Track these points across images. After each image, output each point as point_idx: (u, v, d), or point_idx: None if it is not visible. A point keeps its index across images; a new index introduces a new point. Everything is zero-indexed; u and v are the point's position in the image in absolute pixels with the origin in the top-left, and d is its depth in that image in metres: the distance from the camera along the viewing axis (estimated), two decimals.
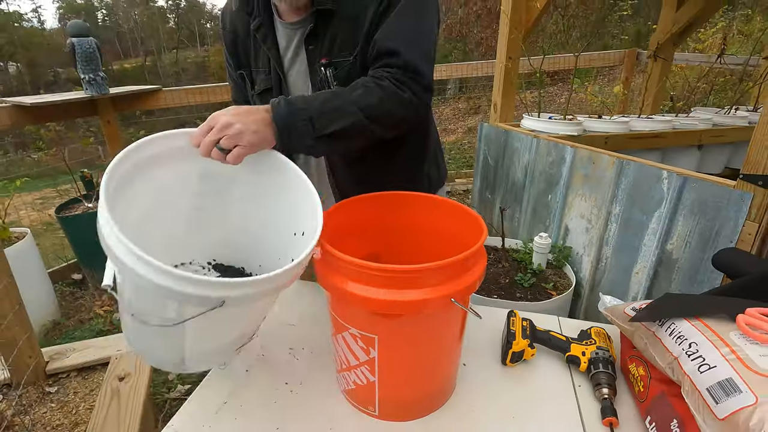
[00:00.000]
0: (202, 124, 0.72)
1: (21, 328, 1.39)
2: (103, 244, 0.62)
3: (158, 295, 0.59)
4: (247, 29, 0.98)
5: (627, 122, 2.33)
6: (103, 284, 0.67)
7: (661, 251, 1.51)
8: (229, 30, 1.03)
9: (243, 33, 1.00)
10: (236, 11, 1.00)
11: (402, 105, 0.83)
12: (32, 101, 2.47)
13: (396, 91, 0.81)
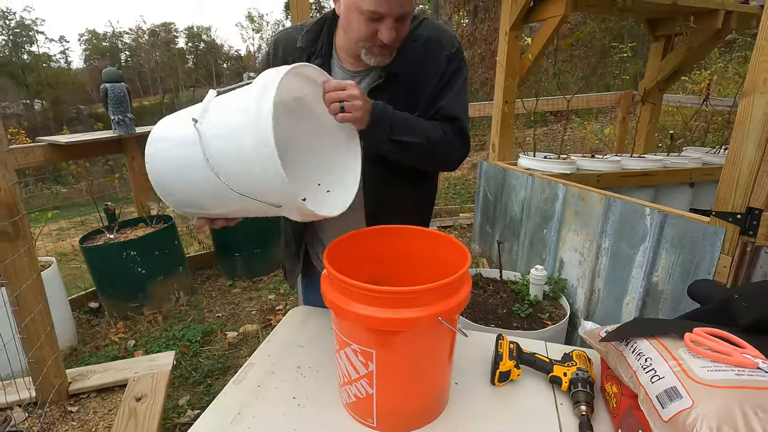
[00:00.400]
0: (339, 81, 0.90)
1: (51, 349, 1.50)
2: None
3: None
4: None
5: (619, 161, 2.46)
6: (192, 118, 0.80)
7: (647, 283, 1.60)
8: (281, 57, 1.10)
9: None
10: (298, 47, 1.07)
11: (454, 152, 1.08)
12: (66, 140, 2.69)
13: (454, 140, 1.06)
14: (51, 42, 40.86)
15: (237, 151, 0.76)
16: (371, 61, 1.00)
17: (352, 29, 0.96)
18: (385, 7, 0.89)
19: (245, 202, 0.81)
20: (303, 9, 2.15)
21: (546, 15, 2.29)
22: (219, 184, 0.77)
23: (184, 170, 0.84)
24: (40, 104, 34.39)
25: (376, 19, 0.91)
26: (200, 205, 0.92)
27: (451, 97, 1.06)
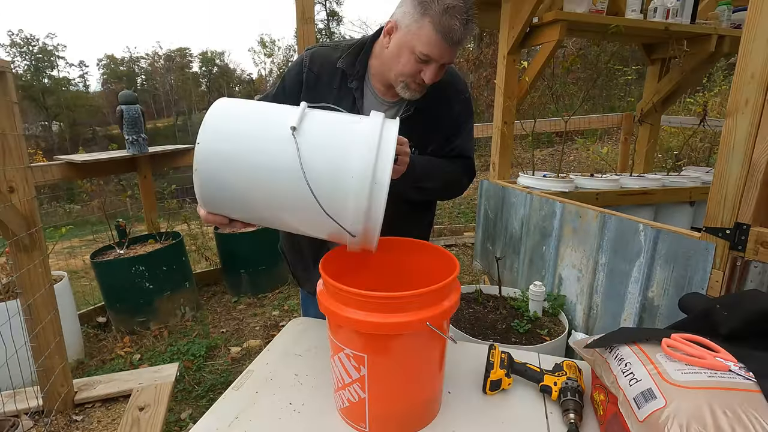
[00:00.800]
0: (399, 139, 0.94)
1: (59, 357, 1.55)
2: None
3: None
4: (333, 81, 1.12)
5: (617, 180, 2.50)
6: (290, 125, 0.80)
7: (643, 298, 1.62)
8: (315, 72, 1.12)
9: (327, 82, 1.12)
10: (337, 66, 1.11)
11: (460, 187, 1.24)
12: (82, 159, 2.81)
13: (462, 177, 1.21)
14: (71, 66, 42.36)
15: (336, 174, 0.78)
16: (406, 95, 1.07)
17: (398, 64, 1.02)
18: (437, 53, 0.97)
19: (308, 218, 0.83)
20: (308, 39, 2.27)
21: (542, 40, 2.38)
22: (299, 195, 0.77)
23: (261, 168, 0.81)
24: (57, 126, 35.46)
25: (424, 61, 0.99)
26: (248, 204, 0.87)
27: (463, 137, 1.19)
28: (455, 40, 0.96)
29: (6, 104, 1.34)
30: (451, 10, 0.93)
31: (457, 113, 1.17)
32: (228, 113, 0.85)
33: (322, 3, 39.13)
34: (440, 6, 0.93)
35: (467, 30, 0.97)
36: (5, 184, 1.34)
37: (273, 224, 0.94)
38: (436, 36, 0.95)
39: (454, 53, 1.00)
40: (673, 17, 2.46)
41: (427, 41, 0.96)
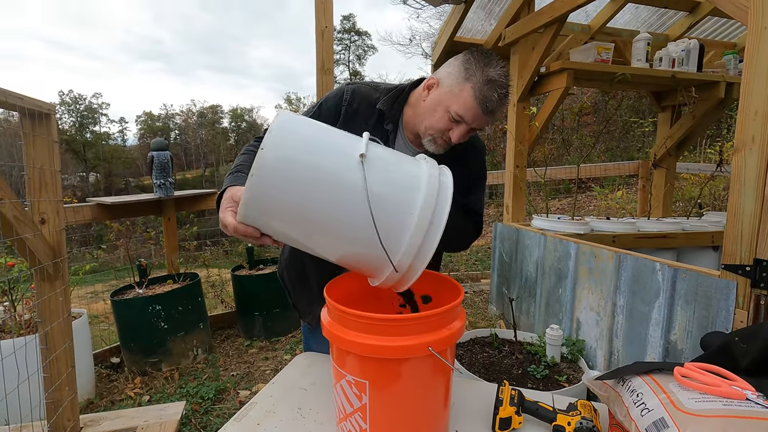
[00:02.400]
0: None
1: (69, 389, 1.56)
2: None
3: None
4: (369, 120, 1.16)
5: (634, 223, 2.47)
6: (359, 153, 0.81)
7: (666, 341, 1.54)
8: (354, 108, 1.16)
9: (364, 119, 1.16)
10: (377, 107, 1.15)
11: (467, 239, 1.26)
12: (112, 201, 2.96)
13: (472, 231, 1.24)
14: (112, 122, 45.59)
15: (397, 207, 0.81)
16: (430, 148, 1.12)
17: (431, 118, 1.07)
18: (470, 117, 1.04)
19: (354, 247, 0.85)
20: (327, 88, 2.42)
21: (550, 87, 2.47)
22: (355, 220, 0.80)
23: (322, 186, 0.80)
24: (94, 176, 37.58)
25: (456, 121, 1.05)
26: (295, 221, 0.85)
27: (477, 195, 1.26)
28: (489, 110, 1.02)
29: (48, 143, 1.47)
30: (492, 83, 1.01)
31: (475, 171, 1.23)
32: (295, 126, 0.85)
33: (345, 64, 41.75)
34: (483, 76, 1.01)
35: (502, 104, 1.04)
36: (38, 215, 1.44)
37: (307, 245, 0.92)
38: (473, 102, 1.01)
39: (486, 122, 1.07)
40: (678, 66, 2.53)
41: (464, 104, 1.02)
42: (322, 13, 2.28)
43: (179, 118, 50.57)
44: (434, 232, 0.82)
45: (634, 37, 2.69)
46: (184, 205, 3.58)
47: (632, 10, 3.26)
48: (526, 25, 2.52)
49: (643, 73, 2.49)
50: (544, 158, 3.12)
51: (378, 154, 0.86)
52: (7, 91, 1.27)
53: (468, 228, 1.23)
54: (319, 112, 1.19)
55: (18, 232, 1.32)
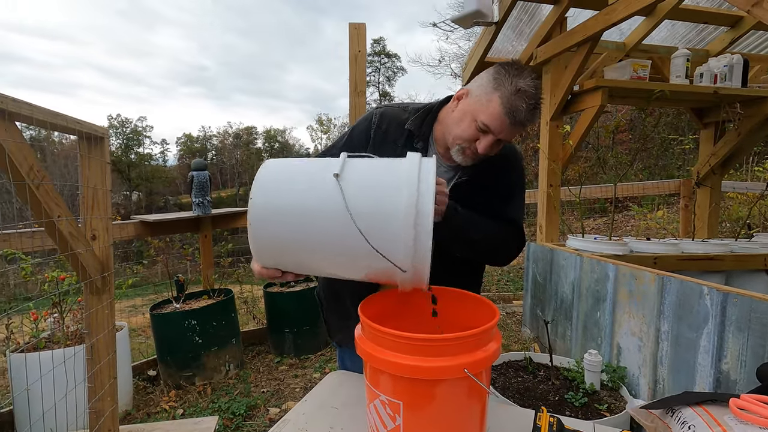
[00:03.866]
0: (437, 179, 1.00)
1: (111, 400, 1.62)
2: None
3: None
4: (399, 140, 1.17)
5: (677, 244, 2.35)
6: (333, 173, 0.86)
7: (717, 371, 1.45)
8: (383, 130, 1.18)
9: (393, 140, 1.18)
10: (406, 127, 1.17)
11: (509, 249, 1.21)
12: (154, 218, 3.11)
13: (511, 239, 1.19)
14: (154, 144, 48.12)
15: (381, 211, 0.84)
16: (458, 158, 1.11)
17: (458, 128, 1.07)
18: (497, 127, 1.02)
19: (359, 261, 0.88)
20: (360, 109, 2.48)
21: (584, 106, 2.43)
22: (348, 237, 0.83)
23: (308, 215, 0.86)
24: (137, 195, 39.58)
25: (483, 131, 1.04)
26: (299, 253, 0.92)
27: (515, 204, 1.22)
28: (518, 120, 1.01)
29: (101, 164, 1.57)
30: (521, 93, 0.99)
31: (511, 182, 1.21)
32: (276, 170, 0.92)
33: (375, 85, 42.64)
34: (513, 86, 1.00)
35: (532, 114, 1.01)
36: (90, 231, 1.53)
37: (325, 272, 0.98)
38: (500, 111, 1.00)
39: (513, 133, 1.05)
40: (721, 82, 2.44)
41: (491, 114, 1.01)
42: (356, 38, 2.36)
43: (216, 140, 52.84)
44: (423, 220, 0.82)
45: (671, 53, 2.62)
46: (220, 222, 3.71)
47: (669, 26, 3.19)
48: (558, 45, 2.51)
49: (683, 89, 2.42)
50: (578, 177, 3.05)
51: (355, 170, 0.89)
52: (68, 116, 1.37)
53: (506, 236, 1.18)
54: (350, 138, 1.22)
55: (72, 247, 1.40)
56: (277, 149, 52.34)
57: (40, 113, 1.23)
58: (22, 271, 2.37)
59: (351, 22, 2.42)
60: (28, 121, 1.20)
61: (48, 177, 1.26)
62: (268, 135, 52.50)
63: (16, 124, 1.16)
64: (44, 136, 25.27)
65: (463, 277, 1.22)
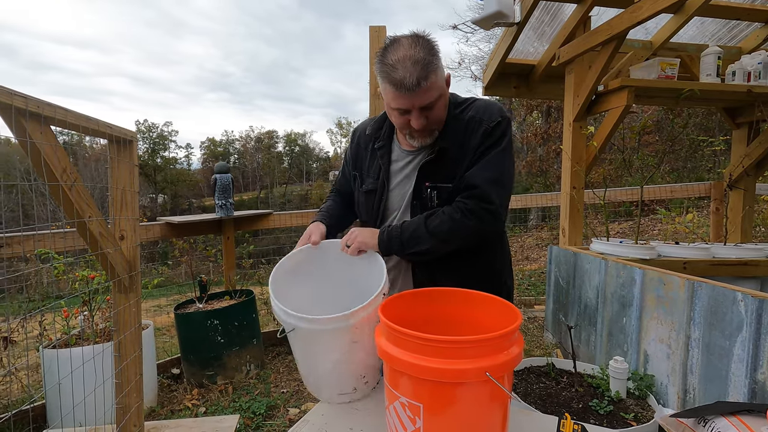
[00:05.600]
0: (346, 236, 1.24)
1: (136, 396, 1.66)
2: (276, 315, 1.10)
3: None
4: (368, 146, 1.35)
5: (708, 249, 2.27)
6: (279, 335, 1.09)
7: (752, 381, 1.38)
8: (355, 144, 1.40)
9: (364, 148, 1.36)
10: (367, 134, 1.35)
11: (466, 230, 1.15)
12: (179, 220, 3.19)
13: (463, 221, 1.13)
14: (179, 148, 49.46)
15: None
16: (414, 143, 1.20)
17: (393, 121, 1.20)
18: (403, 103, 1.09)
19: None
20: (380, 112, 2.49)
21: (609, 106, 2.38)
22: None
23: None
24: (162, 198, 40.72)
25: (405, 112, 1.11)
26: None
27: (478, 167, 1.16)
28: (409, 85, 1.04)
29: (130, 167, 1.62)
30: (397, 63, 1.04)
31: (477, 145, 1.16)
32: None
33: None
34: (387, 66, 1.06)
35: (418, 70, 1.03)
36: (119, 232, 1.58)
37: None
38: (393, 91, 1.07)
39: (421, 97, 1.07)
40: (755, 80, 2.34)
41: (391, 97, 1.09)
42: (376, 41, 2.37)
43: (238, 144, 53.88)
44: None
45: (701, 51, 2.54)
46: (243, 224, 3.78)
47: (698, 24, 3.09)
48: (582, 44, 2.46)
49: (714, 88, 2.33)
50: (602, 179, 2.97)
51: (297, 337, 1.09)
52: (99, 120, 1.42)
53: (455, 221, 1.13)
54: (346, 160, 1.47)
55: (102, 246, 1.45)
56: (297, 153, 52.98)
57: (73, 117, 1.28)
58: (55, 270, 2.47)
59: (371, 26, 2.44)
60: (62, 125, 1.25)
61: (80, 179, 1.31)
62: (289, 139, 53.24)
63: (51, 127, 1.21)
64: (76, 141, 26.32)
65: (461, 268, 1.24)
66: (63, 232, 2.66)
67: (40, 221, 6.97)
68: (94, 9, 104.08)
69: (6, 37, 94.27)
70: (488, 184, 1.13)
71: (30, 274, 3.55)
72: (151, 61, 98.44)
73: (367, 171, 1.34)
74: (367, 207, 1.33)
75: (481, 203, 1.13)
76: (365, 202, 1.34)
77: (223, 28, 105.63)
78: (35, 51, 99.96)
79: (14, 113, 1.05)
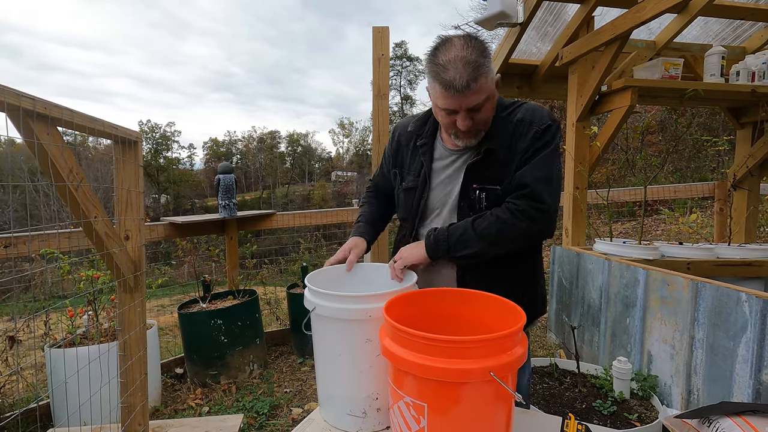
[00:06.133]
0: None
1: (141, 395, 1.67)
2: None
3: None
4: (409, 144, 1.33)
5: (712, 249, 2.26)
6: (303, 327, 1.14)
7: (757, 382, 1.38)
8: (396, 140, 1.38)
9: (405, 145, 1.34)
10: (409, 131, 1.33)
11: (515, 232, 1.13)
12: (183, 220, 3.20)
13: (513, 222, 1.12)
14: (182, 148, 49.59)
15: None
16: (459, 143, 1.20)
17: (439, 120, 1.19)
18: (451, 104, 1.08)
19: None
20: (383, 112, 2.49)
21: (612, 106, 2.37)
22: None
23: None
24: (165, 198, 40.85)
25: (452, 112, 1.11)
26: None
27: (528, 167, 1.14)
28: (459, 88, 1.04)
29: (134, 167, 1.63)
30: (448, 64, 1.04)
31: (527, 147, 1.15)
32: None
33: (397, 89, 42.75)
34: (437, 66, 1.06)
35: (470, 71, 1.03)
36: (124, 232, 1.59)
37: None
38: (442, 91, 1.07)
39: (469, 99, 1.07)
40: (759, 80, 2.34)
41: (439, 97, 1.09)
42: (379, 42, 2.38)
43: (241, 144, 54.00)
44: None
45: (705, 51, 2.53)
46: (246, 224, 3.79)
47: (701, 24, 3.08)
48: (585, 44, 2.46)
49: (718, 88, 2.32)
50: (605, 180, 2.97)
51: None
52: (105, 121, 1.43)
53: (506, 223, 1.12)
54: (384, 157, 1.45)
55: (107, 246, 1.46)
56: (300, 153, 53.05)
57: (80, 118, 1.29)
58: (60, 270, 2.48)
59: (374, 26, 2.44)
60: (69, 126, 1.26)
61: (86, 179, 1.32)
62: (291, 139, 53.32)
63: (57, 128, 1.22)
64: (80, 141, 26.46)
65: (507, 281, 1.22)
66: (68, 232, 2.67)
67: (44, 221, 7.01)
68: (98, 10, 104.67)
69: (12, 38, 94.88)
70: (539, 183, 1.12)
71: (34, 273, 3.57)
72: (155, 62, 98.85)
73: (408, 168, 1.32)
74: (407, 205, 1.31)
75: (533, 203, 1.11)
76: (405, 199, 1.32)
77: (227, 29, 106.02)
78: (40, 52, 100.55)
79: (22, 114, 1.06)
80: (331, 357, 1.12)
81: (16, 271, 3.50)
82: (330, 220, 4.16)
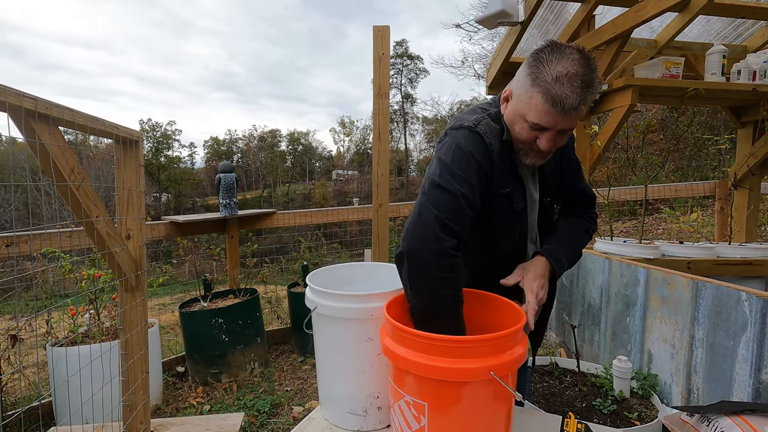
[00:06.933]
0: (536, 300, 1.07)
1: (143, 394, 1.68)
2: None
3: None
4: (503, 156, 1.06)
5: (712, 248, 2.26)
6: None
7: (757, 381, 1.38)
8: (486, 161, 1.03)
9: (499, 159, 1.05)
10: (496, 148, 1.04)
11: (591, 234, 1.28)
12: (184, 219, 3.20)
13: (591, 225, 1.27)
14: (183, 147, 49.51)
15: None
16: (528, 162, 1.05)
17: (515, 131, 1.02)
18: (549, 122, 0.94)
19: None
20: (384, 111, 2.49)
21: (613, 105, 2.37)
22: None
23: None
24: (166, 197, 40.89)
25: (541, 129, 0.97)
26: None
27: (581, 177, 1.27)
28: (568, 107, 0.91)
29: (136, 167, 1.63)
30: (563, 78, 0.90)
31: (575, 159, 1.25)
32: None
33: (397, 87, 42.70)
34: (550, 75, 0.91)
35: (585, 94, 0.91)
36: (125, 231, 1.59)
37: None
38: (545, 105, 0.92)
39: (570, 120, 0.94)
40: (760, 79, 2.33)
41: (537, 110, 0.93)
42: (380, 41, 2.38)
43: (242, 143, 53.99)
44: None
45: (706, 50, 2.53)
46: (247, 223, 3.79)
47: (702, 22, 3.07)
48: (586, 43, 2.46)
49: (719, 87, 2.32)
50: (606, 178, 2.97)
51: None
52: (106, 121, 1.44)
53: (590, 232, 1.26)
54: (471, 189, 0.99)
55: (109, 246, 1.46)
56: (300, 152, 53.03)
57: (81, 118, 1.29)
58: (62, 269, 2.49)
59: (375, 26, 2.44)
60: (70, 126, 1.26)
61: (88, 179, 1.32)
62: (292, 138, 53.30)
63: (59, 128, 1.23)
64: (81, 140, 26.49)
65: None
66: (69, 231, 2.68)
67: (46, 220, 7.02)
68: (100, 9, 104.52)
69: (14, 37, 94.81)
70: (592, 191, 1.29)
71: (36, 272, 3.58)
72: (157, 61, 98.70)
73: (513, 188, 1.09)
74: (511, 230, 1.12)
75: (591, 214, 1.28)
76: (513, 223, 1.12)
77: (229, 28, 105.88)
78: (43, 51, 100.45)
79: (24, 114, 1.06)
80: (332, 356, 1.13)
81: (18, 270, 3.51)
82: (331, 219, 4.16)
